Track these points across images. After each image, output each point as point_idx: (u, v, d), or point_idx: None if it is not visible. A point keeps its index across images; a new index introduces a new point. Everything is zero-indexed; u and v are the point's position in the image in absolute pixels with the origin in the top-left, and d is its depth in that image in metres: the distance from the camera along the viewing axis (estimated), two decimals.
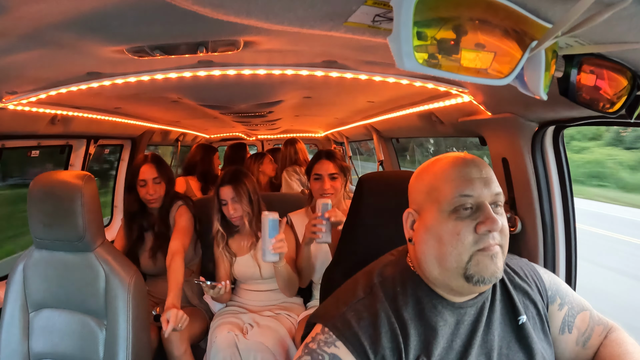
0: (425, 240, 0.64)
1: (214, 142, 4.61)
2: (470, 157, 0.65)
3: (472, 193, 0.61)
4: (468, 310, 0.66)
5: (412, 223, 0.68)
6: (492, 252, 0.60)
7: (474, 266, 0.60)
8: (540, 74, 0.45)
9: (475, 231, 0.60)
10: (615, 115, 0.60)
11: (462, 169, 0.63)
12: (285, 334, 1.49)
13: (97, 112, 1.74)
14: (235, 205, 1.58)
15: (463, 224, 0.60)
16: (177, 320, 1.26)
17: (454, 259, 0.60)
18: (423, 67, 0.37)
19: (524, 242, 1.19)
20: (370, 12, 0.48)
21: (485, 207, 0.61)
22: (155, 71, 1.07)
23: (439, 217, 0.62)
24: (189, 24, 0.70)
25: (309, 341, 0.65)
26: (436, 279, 0.64)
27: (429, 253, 0.63)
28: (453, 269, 0.61)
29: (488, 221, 0.59)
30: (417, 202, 0.67)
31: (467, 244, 0.60)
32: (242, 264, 1.64)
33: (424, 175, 0.67)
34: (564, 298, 0.74)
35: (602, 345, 0.74)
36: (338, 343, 0.62)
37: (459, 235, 0.60)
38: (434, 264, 0.63)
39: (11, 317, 1.20)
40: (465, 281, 0.61)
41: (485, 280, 0.60)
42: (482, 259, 0.60)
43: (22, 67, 0.93)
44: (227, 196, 1.58)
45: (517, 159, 1.15)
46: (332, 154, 1.59)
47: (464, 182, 0.62)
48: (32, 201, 1.12)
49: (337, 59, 1.01)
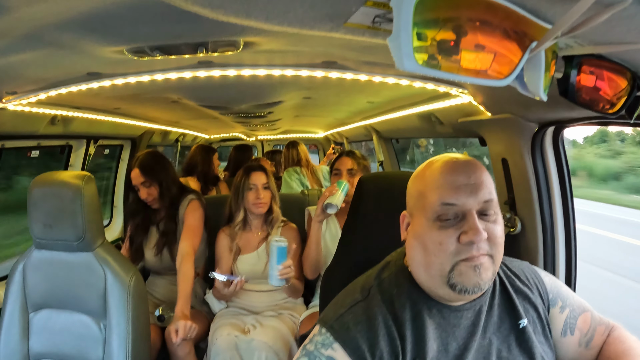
0: (414, 246, 0.64)
1: (213, 143, 4.61)
2: (463, 160, 0.63)
3: (455, 202, 0.59)
4: (465, 313, 0.65)
5: (407, 226, 0.68)
6: (476, 263, 0.59)
7: (457, 276, 0.59)
8: (540, 74, 0.45)
9: (458, 241, 0.59)
10: (615, 116, 0.60)
11: (449, 175, 0.61)
12: (288, 333, 1.49)
13: (97, 112, 1.74)
14: (265, 192, 1.61)
15: (446, 234, 0.59)
16: (187, 332, 1.26)
17: (437, 267, 0.60)
18: (423, 68, 0.37)
19: (523, 242, 1.19)
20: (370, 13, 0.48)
21: (470, 216, 0.59)
22: (155, 71, 1.07)
23: (425, 224, 0.62)
24: (188, 24, 0.70)
25: (307, 343, 0.65)
26: (424, 284, 0.64)
27: (416, 259, 0.64)
28: (437, 277, 0.60)
29: (471, 232, 0.58)
30: (409, 206, 0.67)
31: (450, 253, 0.59)
32: (246, 261, 1.63)
33: (416, 179, 0.67)
34: (565, 301, 0.73)
35: (606, 343, 0.74)
36: (335, 345, 0.62)
37: (442, 244, 0.59)
38: (420, 270, 0.63)
39: (11, 317, 1.19)
40: (450, 289, 0.60)
41: (469, 290, 0.59)
42: (465, 269, 0.59)
43: (22, 67, 0.93)
44: (259, 181, 1.60)
45: (517, 160, 1.15)
46: (352, 152, 1.68)
47: (448, 189, 0.60)
48: (32, 201, 1.12)
49: (337, 59, 1.01)
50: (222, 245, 1.65)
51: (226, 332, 1.44)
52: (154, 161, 1.69)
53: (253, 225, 1.67)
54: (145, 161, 1.67)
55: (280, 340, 1.44)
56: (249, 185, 1.60)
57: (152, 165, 1.66)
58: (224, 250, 1.65)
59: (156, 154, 1.76)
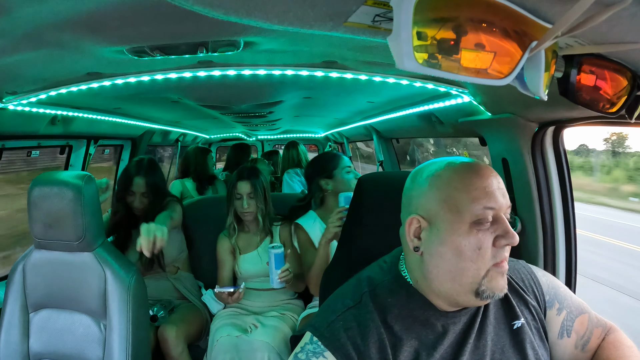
0: (440, 253, 0.60)
1: (213, 143, 4.61)
2: (483, 164, 0.63)
3: (495, 205, 0.59)
4: (460, 318, 0.65)
5: (416, 231, 0.64)
6: (504, 268, 0.59)
7: (488, 282, 0.59)
8: (540, 74, 0.45)
9: (493, 245, 0.59)
10: (615, 116, 0.60)
11: (481, 179, 0.60)
12: (290, 333, 1.49)
13: (97, 112, 1.74)
14: (250, 202, 1.61)
15: (484, 238, 0.58)
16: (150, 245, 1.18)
17: (471, 274, 0.59)
18: (423, 67, 0.37)
19: (524, 242, 1.19)
20: (370, 12, 0.48)
21: (503, 220, 0.59)
22: (156, 71, 1.07)
23: (459, 228, 0.59)
24: (189, 24, 0.70)
25: (298, 350, 0.65)
26: (440, 292, 0.62)
27: (443, 267, 0.60)
28: (467, 284, 0.59)
29: (507, 235, 0.58)
30: (427, 210, 0.62)
31: (487, 258, 0.58)
32: (248, 260, 1.65)
33: (435, 181, 0.62)
34: (563, 302, 0.73)
35: (600, 347, 0.73)
36: (326, 354, 0.62)
37: (480, 249, 0.58)
38: (446, 278, 0.60)
39: (11, 317, 1.19)
40: (474, 296, 0.59)
41: (495, 295, 0.59)
42: (496, 275, 0.59)
43: (22, 67, 0.93)
44: (243, 191, 1.61)
45: (517, 159, 1.15)
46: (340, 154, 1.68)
47: (486, 193, 0.59)
48: (32, 201, 1.12)
49: (337, 59, 1.01)
50: (223, 249, 1.68)
51: (227, 333, 1.44)
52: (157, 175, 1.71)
53: (250, 227, 1.69)
54: (151, 173, 1.67)
55: (283, 340, 1.44)
56: (235, 194, 1.62)
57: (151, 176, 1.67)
58: (224, 254, 1.67)
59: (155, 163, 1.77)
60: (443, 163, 0.64)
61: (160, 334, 1.50)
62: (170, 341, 1.47)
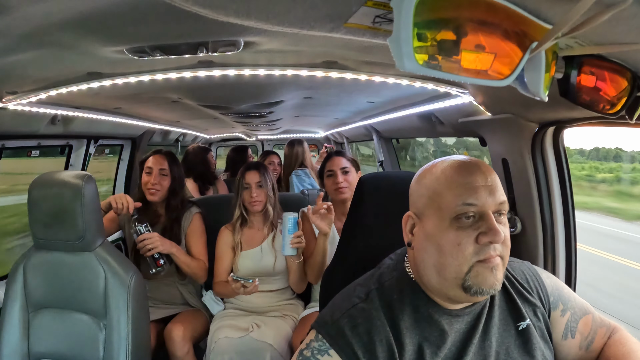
0: (425, 247, 0.62)
1: (213, 143, 4.61)
2: (475, 161, 0.63)
3: (475, 202, 0.59)
4: (465, 317, 0.65)
5: (411, 227, 0.66)
6: (493, 264, 0.59)
7: (473, 277, 0.58)
8: (540, 75, 0.45)
9: (476, 241, 0.58)
10: (615, 117, 0.60)
11: (467, 175, 0.60)
12: (290, 334, 1.49)
13: (97, 112, 1.73)
14: (259, 191, 1.61)
15: (464, 234, 0.59)
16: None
17: (453, 269, 0.59)
18: (423, 69, 0.37)
19: (524, 242, 1.19)
20: (370, 13, 0.48)
21: (489, 217, 0.59)
22: (155, 71, 1.07)
23: (440, 224, 0.60)
24: (189, 24, 0.70)
25: (304, 348, 0.64)
26: (434, 287, 0.63)
27: (428, 261, 0.62)
28: (451, 279, 0.60)
29: (490, 232, 0.58)
30: (417, 206, 0.65)
31: (468, 254, 0.58)
32: (249, 256, 1.62)
33: (426, 178, 0.65)
34: (567, 303, 0.73)
35: (606, 345, 0.73)
36: (331, 352, 0.62)
37: (460, 245, 0.58)
38: (432, 272, 0.62)
39: (11, 317, 1.19)
40: (462, 291, 0.59)
41: (484, 291, 0.59)
42: (482, 270, 0.58)
43: (22, 67, 0.93)
44: (252, 180, 1.61)
45: (517, 160, 1.15)
46: (340, 151, 1.68)
47: (468, 189, 0.59)
48: (32, 201, 1.12)
49: (337, 59, 1.01)
50: (223, 242, 1.64)
51: (227, 334, 1.44)
52: (177, 159, 1.74)
53: (255, 223, 1.67)
54: (170, 154, 1.71)
55: (284, 341, 1.44)
56: (244, 185, 1.62)
57: (176, 161, 1.71)
58: (224, 247, 1.64)
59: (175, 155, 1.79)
60: (439, 161, 0.66)
61: (168, 333, 1.49)
62: (178, 342, 1.46)
